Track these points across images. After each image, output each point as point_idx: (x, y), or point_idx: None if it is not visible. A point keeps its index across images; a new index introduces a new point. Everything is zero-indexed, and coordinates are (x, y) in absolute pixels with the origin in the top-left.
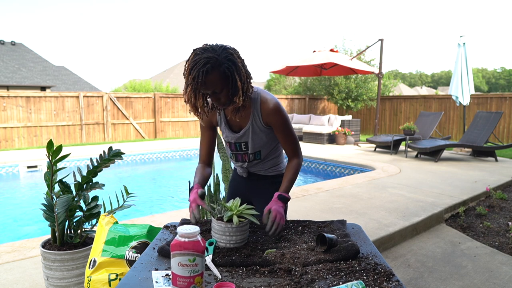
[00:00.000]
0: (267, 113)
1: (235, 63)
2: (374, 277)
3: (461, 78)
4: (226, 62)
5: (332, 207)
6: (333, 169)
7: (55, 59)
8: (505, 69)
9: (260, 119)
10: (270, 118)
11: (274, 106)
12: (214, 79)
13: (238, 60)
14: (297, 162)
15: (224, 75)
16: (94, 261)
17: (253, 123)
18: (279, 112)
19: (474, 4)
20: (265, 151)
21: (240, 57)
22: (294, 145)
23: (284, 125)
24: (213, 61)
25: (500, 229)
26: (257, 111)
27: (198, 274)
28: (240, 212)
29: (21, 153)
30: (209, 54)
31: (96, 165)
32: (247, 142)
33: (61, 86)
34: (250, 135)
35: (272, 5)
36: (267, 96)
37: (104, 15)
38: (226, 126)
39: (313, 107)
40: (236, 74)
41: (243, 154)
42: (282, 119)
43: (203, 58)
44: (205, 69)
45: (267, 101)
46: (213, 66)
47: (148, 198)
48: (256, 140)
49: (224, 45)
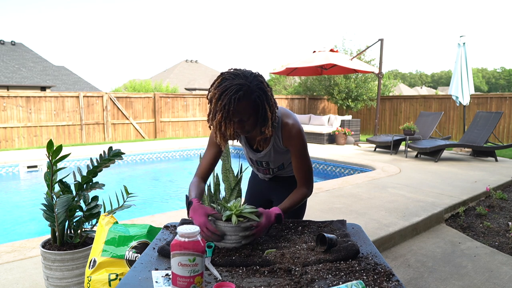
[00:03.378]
0: (287, 137)
1: (265, 93)
2: (374, 277)
3: (461, 78)
4: (257, 91)
5: (332, 207)
6: (333, 169)
7: (55, 59)
8: (505, 69)
9: (281, 142)
10: (289, 142)
11: (296, 132)
12: (244, 107)
13: (268, 89)
14: (306, 192)
15: (254, 104)
16: (94, 261)
17: (274, 146)
18: (299, 138)
19: (474, 4)
20: (287, 162)
21: (269, 86)
22: (307, 173)
23: (301, 151)
24: (246, 88)
25: (500, 229)
26: (278, 135)
27: (198, 274)
28: (240, 212)
29: (21, 153)
30: (240, 81)
31: (96, 165)
32: (268, 161)
33: (61, 86)
34: (271, 156)
35: (272, 5)
36: (288, 121)
37: (104, 15)
38: (247, 145)
39: (313, 107)
40: (266, 104)
41: (264, 169)
42: (300, 144)
43: (234, 84)
44: (237, 96)
45: (289, 126)
46: (245, 93)
47: (148, 198)
48: (278, 159)
49: (254, 72)
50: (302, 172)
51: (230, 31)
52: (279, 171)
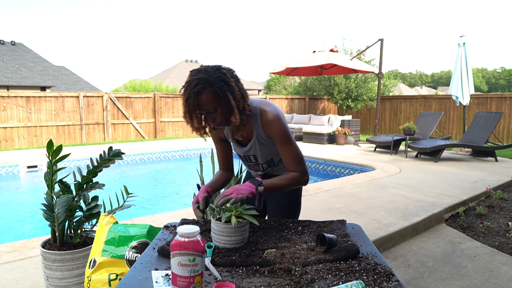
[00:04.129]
0: (267, 124)
1: (227, 83)
2: (374, 277)
3: (461, 78)
4: (218, 82)
5: (332, 207)
6: (333, 169)
7: (55, 59)
8: (505, 69)
9: (262, 132)
10: (269, 129)
11: (273, 117)
12: (206, 100)
13: (231, 79)
14: (296, 176)
15: (216, 95)
16: (94, 261)
17: (257, 137)
18: (277, 123)
19: (474, 4)
20: (277, 157)
21: (234, 76)
22: (294, 158)
23: (283, 136)
24: (204, 81)
25: (500, 229)
26: (259, 124)
27: (198, 274)
28: (239, 213)
29: (21, 153)
30: (201, 75)
31: (96, 165)
32: (255, 155)
33: (61, 86)
34: (257, 148)
35: (272, 5)
36: (266, 108)
37: (104, 15)
38: (233, 140)
39: (313, 107)
40: (229, 94)
41: (254, 165)
42: (281, 130)
43: (195, 79)
44: (196, 90)
45: (266, 113)
46: (204, 86)
47: (148, 198)
48: (265, 152)
49: (219, 66)
50: (288, 157)
51: (230, 31)
52: (269, 168)
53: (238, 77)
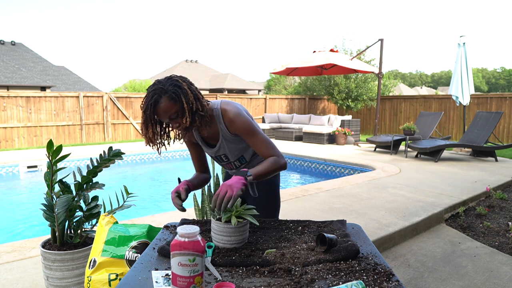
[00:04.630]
0: (229, 123)
1: (180, 87)
2: (374, 277)
3: (461, 78)
4: (171, 88)
5: (332, 207)
6: (333, 169)
7: (55, 59)
8: (505, 69)
9: (227, 131)
10: (233, 126)
11: (234, 114)
12: (165, 107)
13: (183, 83)
14: (275, 158)
15: (172, 100)
16: (94, 261)
17: (223, 136)
18: (238, 120)
19: (474, 4)
20: (248, 154)
21: (186, 81)
22: (264, 146)
23: (248, 130)
24: (159, 91)
25: (500, 229)
26: (222, 124)
27: (198, 274)
28: (239, 213)
29: (21, 153)
30: (155, 87)
31: (96, 165)
32: (226, 154)
33: (61, 86)
34: (225, 147)
35: (272, 5)
36: (226, 107)
37: (104, 15)
38: (203, 143)
39: (313, 107)
40: (183, 96)
41: (227, 164)
42: (244, 124)
43: (150, 92)
44: (153, 100)
45: (227, 112)
46: (160, 95)
47: (148, 198)
48: (234, 150)
49: (170, 76)
50: (260, 147)
51: (230, 31)
52: (242, 165)
53: (190, 81)
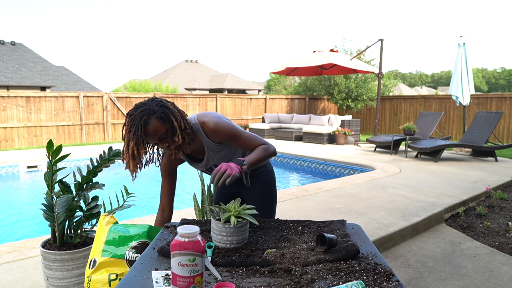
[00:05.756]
0: (211, 133)
1: (167, 107)
2: (374, 277)
3: (461, 78)
4: (159, 108)
5: (332, 207)
6: (333, 169)
7: (55, 59)
8: (505, 69)
9: (210, 142)
10: (215, 136)
11: (213, 124)
12: (154, 127)
13: (168, 103)
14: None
15: (162, 120)
16: (94, 261)
17: (208, 148)
18: (219, 128)
19: (474, 4)
20: (237, 156)
21: (169, 102)
22: (251, 142)
23: (231, 136)
24: (147, 111)
25: (500, 229)
26: (204, 137)
27: (198, 274)
28: (239, 213)
29: (21, 153)
30: (142, 108)
31: (96, 165)
32: (215, 164)
33: (61, 86)
34: (213, 157)
35: (272, 5)
36: (204, 119)
37: (104, 15)
38: (191, 160)
39: (313, 107)
40: (171, 115)
41: None
42: (225, 132)
43: (138, 113)
44: (142, 121)
45: (205, 124)
46: (149, 115)
47: (148, 198)
48: (222, 157)
49: (153, 97)
50: (248, 145)
51: (230, 31)
52: None
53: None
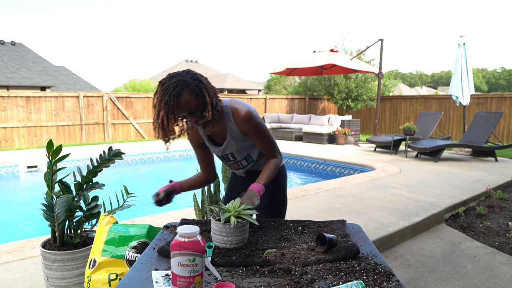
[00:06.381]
0: (240, 122)
1: (201, 81)
2: (374, 277)
3: (461, 78)
4: (193, 81)
5: (332, 207)
6: (333, 169)
7: (55, 59)
8: (505, 69)
9: (235, 129)
10: (243, 126)
11: (245, 114)
12: (186, 99)
13: (203, 78)
14: (275, 161)
15: (194, 93)
16: (94, 261)
17: (231, 134)
18: (250, 119)
19: (474, 4)
20: (254, 153)
21: (204, 76)
22: (270, 147)
23: (257, 131)
24: (181, 83)
25: (500, 229)
26: (231, 122)
27: (198, 274)
28: (239, 213)
29: (21, 153)
30: (176, 79)
31: (96, 165)
32: (232, 153)
33: (61, 86)
34: (232, 146)
35: (272, 5)
36: (237, 106)
37: (104, 15)
38: (210, 142)
39: (313, 107)
40: (204, 90)
41: (233, 164)
42: (254, 125)
43: (172, 83)
44: (176, 92)
45: (238, 111)
46: (183, 88)
47: (148, 198)
48: (241, 148)
49: (188, 69)
50: (265, 147)
51: (230, 31)
52: (249, 164)
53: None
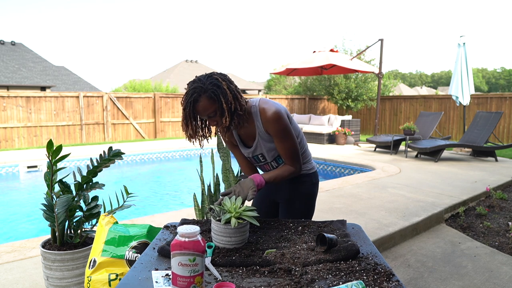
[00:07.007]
0: (265, 122)
1: (220, 87)
2: (374, 277)
3: (461, 78)
4: (211, 88)
5: (332, 207)
6: (333, 169)
7: (55, 59)
8: (505, 69)
9: (262, 129)
10: (267, 126)
11: (271, 114)
12: (203, 105)
13: (223, 83)
14: (291, 169)
15: (211, 99)
16: (94, 261)
17: (260, 135)
18: (275, 120)
19: (474, 4)
20: None
21: (226, 80)
22: (290, 153)
23: (280, 133)
24: (199, 89)
25: (500, 229)
26: (259, 122)
27: (198, 274)
28: (239, 214)
29: (21, 153)
30: (195, 85)
31: (96, 165)
32: (263, 153)
33: (61, 86)
34: (262, 146)
35: (272, 5)
36: (264, 106)
37: (104, 15)
38: (241, 143)
39: (313, 107)
40: (222, 97)
41: (264, 165)
42: (279, 126)
43: (191, 89)
44: (192, 99)
45: (265, 110)
46: (199, 94)
47: (148, 198)
48: (271, 149)
49: (211, 73)
50: (285, 152)
51: (230, 31)
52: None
53: (230, 79)
